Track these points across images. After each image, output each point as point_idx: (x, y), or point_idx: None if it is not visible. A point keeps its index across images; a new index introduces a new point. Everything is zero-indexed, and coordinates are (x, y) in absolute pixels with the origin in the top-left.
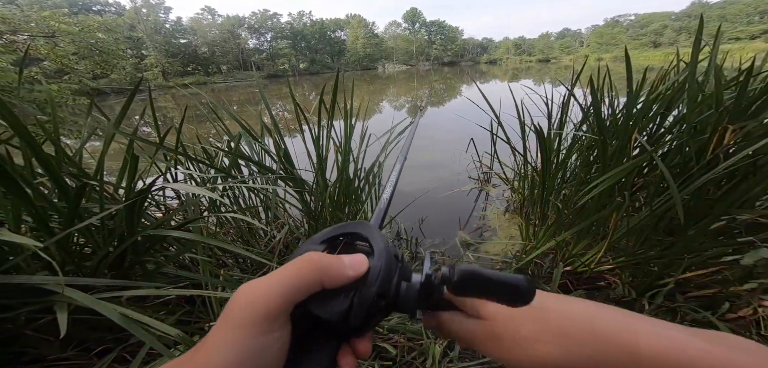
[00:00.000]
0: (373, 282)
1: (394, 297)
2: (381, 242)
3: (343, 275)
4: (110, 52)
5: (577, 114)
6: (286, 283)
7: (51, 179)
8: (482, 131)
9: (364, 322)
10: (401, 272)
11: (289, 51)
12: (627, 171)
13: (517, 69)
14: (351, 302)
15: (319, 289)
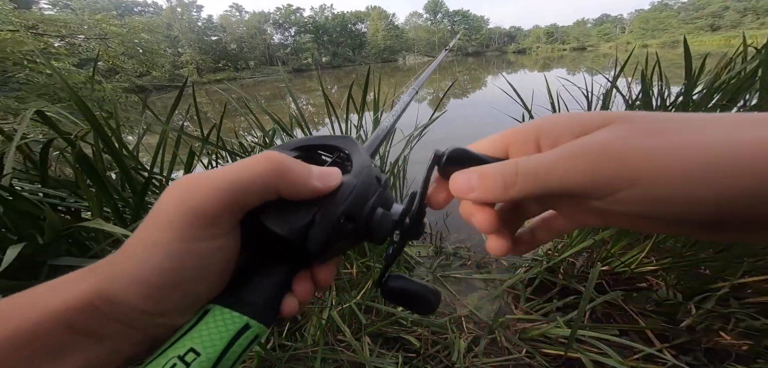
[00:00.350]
0: (342, 199)
1: (365, 223)
2: (361, 159)
3: (308, 185)
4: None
5: (619, 106)
6: (232, 180)
7: (121, 173)
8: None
9: (325, 245)
10: (380, 197)
11: (311, 45)
12: None
13: (548, 58)
14: (312, 218)
15: (274, 196)
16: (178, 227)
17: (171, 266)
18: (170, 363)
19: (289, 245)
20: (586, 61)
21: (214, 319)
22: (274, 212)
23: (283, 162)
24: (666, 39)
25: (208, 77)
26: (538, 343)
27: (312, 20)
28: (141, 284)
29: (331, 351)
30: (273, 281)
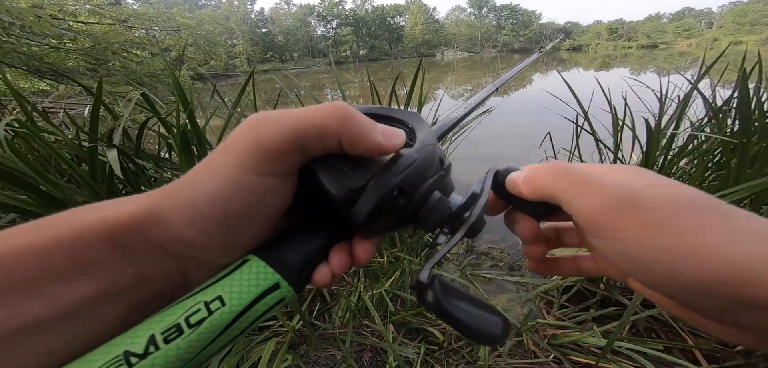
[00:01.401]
0: (399, 171)
1: (419, 203)
2: (426, 135)
3: (370, 137)
4: (215, 42)
5: (697, 111)
6: (297, 119)
7: (200, 149)
8: (559, 126)
9: (372, 215)
10: (441, 180)
11: (351, 38)
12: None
13: (608, 56)
14: (365, 184)
15: (337, 146)
16: (242, 155)
17: (224, 195)
18: (195, 307)
19: (335, 208)
20: (656, 60)
21: (249, 270)
22: (331, 171)
23: (348, 111)
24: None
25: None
26: (567, 350)
27: (353, 13)
28: (193, 207)
29: (356, 335)
30: (311, 246)
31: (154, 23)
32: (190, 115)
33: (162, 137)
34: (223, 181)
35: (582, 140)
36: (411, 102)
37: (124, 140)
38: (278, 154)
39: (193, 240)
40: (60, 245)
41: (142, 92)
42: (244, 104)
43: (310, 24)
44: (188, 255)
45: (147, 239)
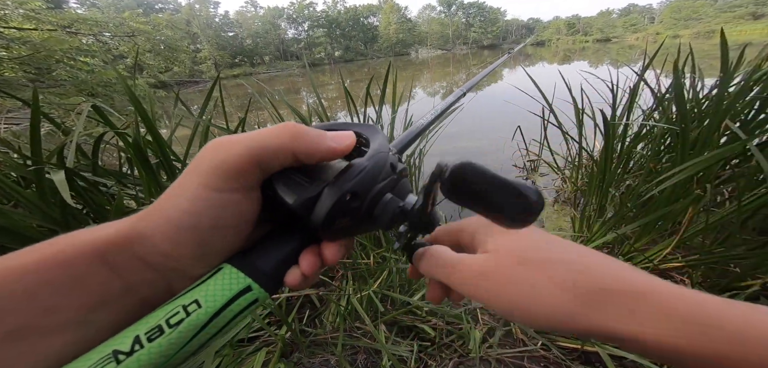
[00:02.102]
0: (351, 177)
1: (371, 205)
2: (378, 145)
3: (322, 145)
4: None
5: (647, 100)
6: (254, 139)
7: (163, 162)
8: (528, 118)
9: (328, 218)
10: (394, 184)
11: (324, 39)
12: (713, 161)
13: (569, 50)
14: (320, 192)
15: (292, 159)
16: (205, 175)
17: (193, 210)
18: (175, 310)
19: (296, 216)
20: (610, 53)
21: (222, 276)
22: (288, 183)
23: (298, 127)
24: (700, 29)
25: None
26: (553, 336)
27: (325, 14)
28: (167, 223)
29: (348, 338)
30: (281, 251)
31: (104, 29)
32: (150, 127)
33: (122, 151)
34: (191, 199)
35: (549, 131)
36: (384, 101)
37: (79, 157)
38: (237, 172)
39: (170, 252)
40: (55, 263)
41: (93, 103)
42: (213, 111)
43: (281, 26)
44: (168, 266)
45: (131, 254)
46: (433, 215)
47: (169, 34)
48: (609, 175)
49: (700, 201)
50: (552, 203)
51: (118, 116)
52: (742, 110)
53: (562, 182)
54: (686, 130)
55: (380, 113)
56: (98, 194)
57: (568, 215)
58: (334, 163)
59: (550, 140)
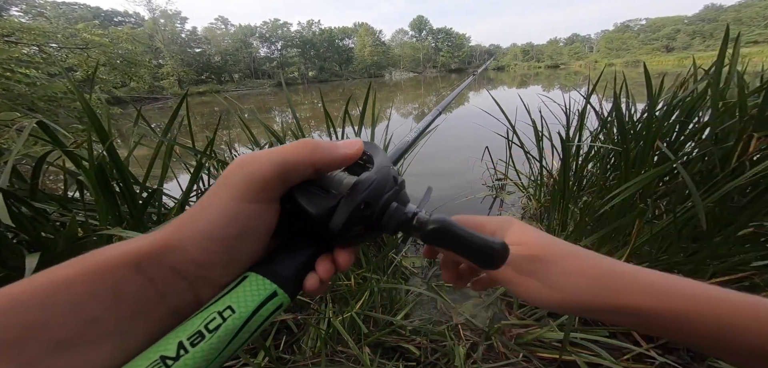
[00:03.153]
0: (362, 189)
1: (380, 213)
2: (381, 159)
3: (336, 152)
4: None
5: (592, 121)
6: (279, 152)
7: (124, 186)
8: (495, 139)
9: (346, 227)
10: (397, 193)
11: (298, 59)
12: (650, 179)
13: (525, 75)
14: (337, 203)
15: (312, 172)
16: (235, 188)
17: (223, 221)
18: (211, 316)
19: (315, 225)
20: (559, 78)
21: (250, 283)
22: (309, 195)
23: (315, 141)
24: (628, 58)
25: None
26: (533, 347)
27: (299, 35)
28: (197, 234)
29: (330, 363)
30: (300, 258)
31: (52, 39)
32: (109, 148)
33: (70, 174)
34: (222, 210)
35: (514, 151)
36: (364, 122)
37: (13, 180)
38: (264, 185)
39: (201, 261)
40: (97, 275)
41: (37, 119)
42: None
43: (252, 45)
44: (197, 275)
45: (164, 264)
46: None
47: (129, 47)
48: (567, 192)
49: (644, 214)
50: (519, 218)
51: (65, 133)
52: (667, 132)
53: (527, 200)
54: (627, 150)
55: (359, 132)
56: (43, 221)
57: None
58: (343, 178)
59: (515, 160)
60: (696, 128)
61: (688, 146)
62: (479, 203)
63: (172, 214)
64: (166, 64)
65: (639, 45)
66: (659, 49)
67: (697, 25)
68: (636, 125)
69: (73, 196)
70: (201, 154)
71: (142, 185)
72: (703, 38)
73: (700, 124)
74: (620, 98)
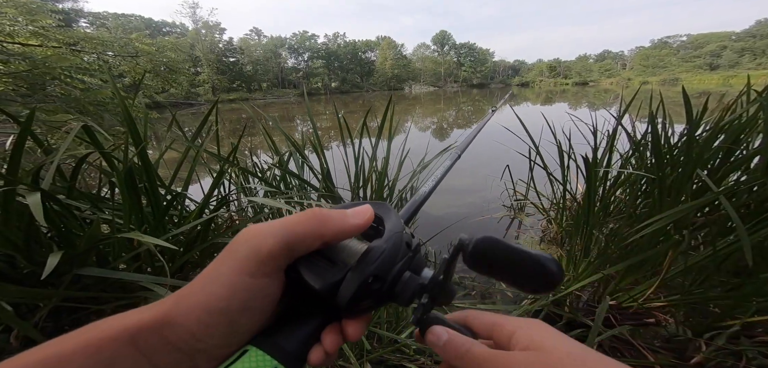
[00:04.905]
0: (372, 261)
1: (391, 285)
2: (393, 225)
3: (346, 224)
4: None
5: (623, 143)
6: (285, 226)
7: (150, 190)
8: (515, 156)
9: (353, 301)
10: (410, 261)
11: (323, 70)
12: (687, 211)
13: (550, 92)
14: (343, 276)
15: (320, 243)
16: (240, 262)
17: (225, 294)
18: None
19: (321, 299)
20: (588, 96)
21: (249, 359)
22: (313, 268)
23: (323, 212)
24: (665, 76)
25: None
26: None
27: (325, 47)
28: (197, 307)
29: None
30: (305, 331)
31: (109, 48)
32: (142, 152)
33: (105, 173)
34: (225, 285)
35: (535, 171)
36: (382, 134)
37: (55, 179)
38: (270, 258)
39: (200, 335)
40: (87, 351)
41: (83, 123)
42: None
43: (281, 55)
44: (196, 347)
45: (161, 338)
46: (451, 286)
47: (172, 56)
48: (592, 217)
49: (679, 245)
50: (538, 242)
51: (105, 135)
52: (709, 158)
53: (547, 223)
54: (663, 178)
55: (377, 145)
56: (71, 218)
57: (555, 254)
58: (353, 245)
59: (536, 180)
60: (744, 155)
61: (732, 175)
62: (496, 223)
63: (192, 218)
64: (203, 72)
65: (678, 62)
66: (701, 67)
67: (746, 41)
68: (673, 149)
69: (105, 195)
70: (225, 160)
71: (168, 188)
72: (755, 55)
73: (750, 151)
74: (656, 119)
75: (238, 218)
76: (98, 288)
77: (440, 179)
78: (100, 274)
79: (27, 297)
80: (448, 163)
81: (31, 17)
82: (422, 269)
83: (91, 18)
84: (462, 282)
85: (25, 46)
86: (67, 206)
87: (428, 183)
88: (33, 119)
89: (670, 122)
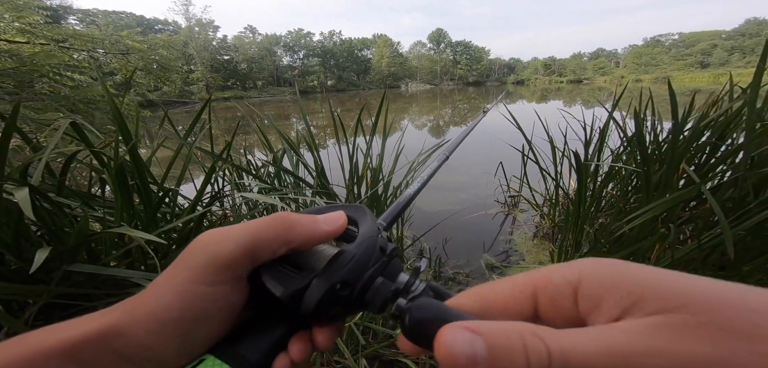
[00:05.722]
0: (340, 267)
1: (361, 292)
2: (367, 229)
3: (316, 230)
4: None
5: (615, 140)
6: (247, 231)
7: (142, 186)
8: (509, 154)
9: (317, 309)
10: (384, 266)
11: (319, 68)
12: (673, 203)
13: (545, 90)
14: (308, 283)
15: (285, 249)
16: (194, 270)
17: (177, 304)
18: None
19: (284, 307)
20: (582, 94)
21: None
22: (276, 274)
23: (289, 216)
24: (658, 74)
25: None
26: None
27: (321, 45)
28: (149, 318)
29: None
30: (268, 338)
31: (99, 45)
32: (132, 149)
33: (95, 171)
34: (177, 294)
35: (528, 167)
36: (376, 131)
37: (45, 176)
38: (229, 265)
39: (151, 346)
40: (11, 366)
41: (71, 120)
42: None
43: (276, 53)
44: (147, 357)
45: (107, 350)
46: (439, 287)
47: (165, 53)
48: (583, 213)
49: (666, 239)
50: (532, 237)
51: (96, 133)
52: (695, 153)
53: (540, 218)
54: (649, 173)
55: (371, 143)
56: (61, 216)
57: (547, 249)
58: (322, 250)
59: (529, 177)
60: (729, 150)
61: (719, 169)
62: (490, 220)
63: (185, 215)
64: (197, 70)
65: (670, 60)
66: (692, 65)
67: (736, 40)
68: (661, 145)
69: (96, 193)
70: (217, 157)
71: (160, 186)
72: (743, 54)
73: (734, 146)
74: (645, 116)
75: (232, 215)
76: (90, 285)
77: (426, 181)
78: (91, 270)
79: (16, 293)
80: (434, 165)
81: (17, 13)
82: (398, 275)
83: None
84: (456, 277)
85: (11, 43)
86: (57, 203)
87: (413, 185)
88: (18, 113)
89: (660, 119)
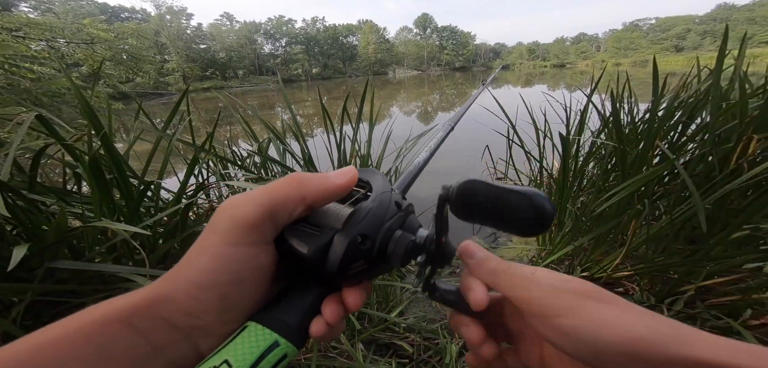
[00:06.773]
0: (358, 220)
1: (382, 244)
2: (380, 186)
3: (328, 184)
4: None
5: (595, 121)
6: (264, 191)
7: (120, 180)
8: (495, 138)
9: (343, 264)
10: (402, 221)
11: (302, 56)
12: (647, 179)
13: (530, 74)
14: (331, 239)
15: (303, 207)
16: (223, 233)
17: (212, 267)
18: None
19: (311, 265)
20: (565, 78)
21: (248, 334)
22: (300, 235)
23: (303, 175)
24: (636, 58)
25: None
26: None
27: (303, 32)
28: (188, 283)
29: (323, 359)
30: (304, 303)
31: (59, 35)
32: (104, 139)
33: (69, 166)
34: (211, 256)
35: (514, 151)
36: (363, 119)
37: (13, 173)
38: (253, 226)
39: (193, 311)
40: (82, 335)
41: (37, 113)
42: (178, 126)
43: (257, 41)
44: (192, 325)
45: (156, 317)
46: (449, 244)
47: (134, 42)
48: (566, 192)
49: (641, 215)
50: None
51: (67, 127)
52: (667, 132)
53: None
54: (624, 151)
55: (357, 130)
56: (37, 213)
57: None
58: (339, 210)
59: (515, 159)
60: (697, 129)
61: (690, 147)
62: None
63: (169, 207)
64: (172, 61)
65: (648, 44)
66: (668, 49)
67: (708, 24)
68: (637, 125)
69: (72, 189)
70: (200, 148)
71: (141, 179)
72: (714, 38)
73: (702, 125)
74: (622, 98)
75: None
76: (76, 282)
77: (435, 148)
78: (74, 266)
79: None
80: (441, 134)
81: None
82: (417, 230)
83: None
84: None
85: None
86: (31, 200)
87: (422, 154)
88: None
89: (636, 100)
